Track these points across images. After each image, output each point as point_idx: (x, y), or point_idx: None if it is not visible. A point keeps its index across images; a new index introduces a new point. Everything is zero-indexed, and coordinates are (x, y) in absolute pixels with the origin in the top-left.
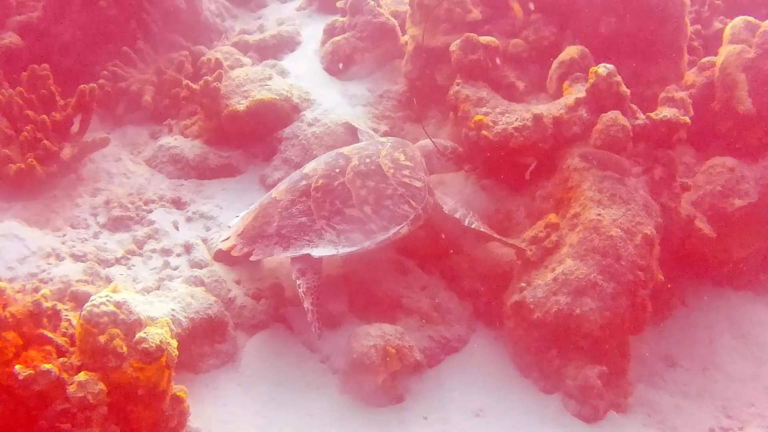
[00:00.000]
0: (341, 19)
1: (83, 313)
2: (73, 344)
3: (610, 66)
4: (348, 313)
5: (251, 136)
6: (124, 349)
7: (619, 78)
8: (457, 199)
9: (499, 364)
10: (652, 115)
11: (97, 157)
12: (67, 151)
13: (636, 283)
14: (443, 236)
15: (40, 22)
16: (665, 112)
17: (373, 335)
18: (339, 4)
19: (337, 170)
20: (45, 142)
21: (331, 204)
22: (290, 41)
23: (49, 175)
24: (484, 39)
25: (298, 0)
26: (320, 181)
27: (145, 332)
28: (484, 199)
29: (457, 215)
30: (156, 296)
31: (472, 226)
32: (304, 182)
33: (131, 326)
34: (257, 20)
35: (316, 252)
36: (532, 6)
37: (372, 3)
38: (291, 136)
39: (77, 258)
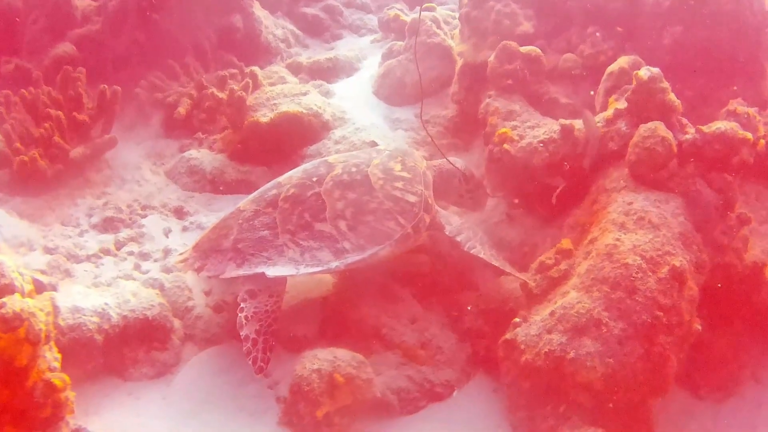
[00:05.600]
0: (399, 42)
1: None
2: None
3: (655, 69)
4: (317, 339)
5: (275, 152)
6: None
7: (665, 84)
8: (464, 220)
9: (491, 420)
10: (703, 128)
11: (116, 164)
12: (77, 151)
13: (654, 326)
14: (451, 264)
15: (97, 34)
16: (719, 125)
17: (321, 358)
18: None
19: (315, 179)
20: (56, 138)
21: (299, 217)
22: (347, 66)
23: (56, 173)
24: (525, 48)
25: (375, 33)
26: (291, 191)
27: (9, 298)
28: (509, 230)
29: (459, 238)
30: (99, 290)
31: (472, 251)
32: (273, 191)
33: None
34: (329, 50)
35: (272, 271)
36: None
37: (429, 23)
38: (315, 154)
39: (48, 250)
